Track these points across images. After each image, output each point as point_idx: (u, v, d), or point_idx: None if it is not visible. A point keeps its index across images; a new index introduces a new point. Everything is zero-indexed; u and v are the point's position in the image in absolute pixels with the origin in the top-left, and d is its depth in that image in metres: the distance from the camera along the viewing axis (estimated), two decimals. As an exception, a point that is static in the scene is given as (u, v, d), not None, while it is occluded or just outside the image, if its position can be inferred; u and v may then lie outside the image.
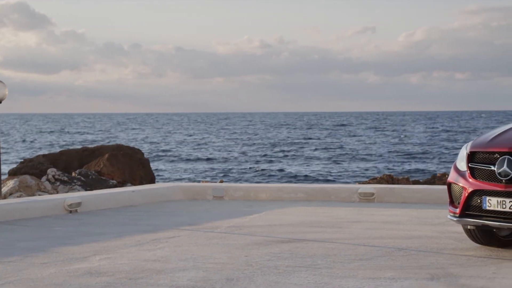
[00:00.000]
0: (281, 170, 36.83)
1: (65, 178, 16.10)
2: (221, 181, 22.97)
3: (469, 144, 6.93)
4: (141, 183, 17.81)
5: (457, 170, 6.91)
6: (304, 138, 67.41)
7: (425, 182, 17.76)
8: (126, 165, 18.33)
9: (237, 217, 9.52)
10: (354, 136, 72.19)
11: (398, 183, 16.18)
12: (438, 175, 17.77)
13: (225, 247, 7.16)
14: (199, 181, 28.44)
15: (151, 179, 19.02)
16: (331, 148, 52.61)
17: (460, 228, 7.87)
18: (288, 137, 70.84)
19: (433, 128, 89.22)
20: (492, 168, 6.47)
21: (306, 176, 33.78)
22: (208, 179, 32.65)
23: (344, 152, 48.50)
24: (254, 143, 60.53)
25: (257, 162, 42.73)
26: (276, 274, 5.88)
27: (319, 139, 66.45)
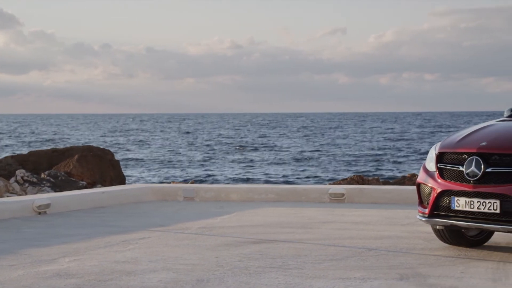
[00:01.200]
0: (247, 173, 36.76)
1: (34, 179, 15.94)
2: (192, 182, 22.91)
3: (438, 144, 6.99)
4: (111, 184, 17.69)
5: (426, 170, 6.96)
6: (267, 138, 67.41)
7: (395, 183, 17.88)
8: (96, 166, 18.20)
9: (208, 218, 9.50)
10: (322, 135, 72.50)
11: (368, 184, 16.27)
12: (407, 175, 17.90)
13: (195, 248, 7.14)
14: (169, 182, 28.35)
15: (121, 180, 18.91)
16: (299, 149, 52.69)
17: (429, 228, 7.94)
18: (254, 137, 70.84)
19: (392, 128, 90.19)
20: (461, 168, 6.53)
21: (271, 177, 33.78)
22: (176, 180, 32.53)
23: (315, 153, 48.63)
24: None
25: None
26: (246, 274, 5.89)
27: (288, 137, 66.66)
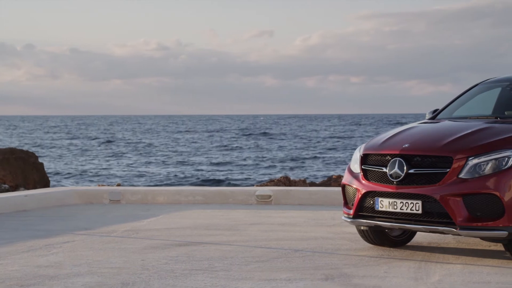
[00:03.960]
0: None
1: (-46, 183, 15.46)
2: (118, 185, 22.62)
3: (362, 146, 7.10)
4: (35, 187, 17.32)
5: (351, 172, 7.06)
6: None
7: (321, 184, 18.06)
8: (19, 169, 17.79)
9: (134, 221, 9.41)
10: (249, 140, 72.82)
11: (295, 185, 16.39)
12: (333, 177, 18.12)
13: (121, 251, 7.06)
14: (95, 185, 27.93)
15: (45, 183, 18.53)
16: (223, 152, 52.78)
17: (354, 229, 8.06)
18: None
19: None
20: (384, 170, 6.65)
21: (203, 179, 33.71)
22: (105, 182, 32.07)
23: (239, 156, 48.74)
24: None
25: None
26: (172, 277, 5.85)
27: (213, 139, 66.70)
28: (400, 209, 6.50)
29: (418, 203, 6.39)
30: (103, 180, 33.39)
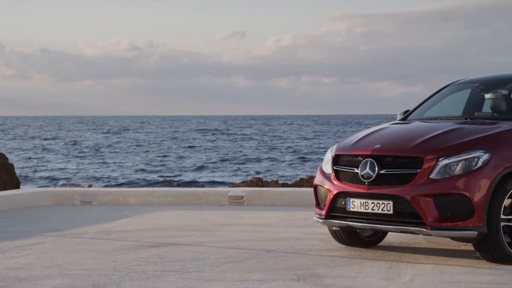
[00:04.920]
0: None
1: None
2: (90, 186, 22.48)
3: (334, 147, 7.13)
4: (5, 189, 17.14)
5: (322, 172, 7.09)
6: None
7: (293, 185, 18.09)
8: (-11, 170, 17.58)
9: (105, 222, 9.35)
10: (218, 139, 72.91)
11: (267, 186, 16.40)
12: (305, 177, 18.16)
13: (92, 253, 7.01)
14: (66, 186, 27.71)
15: (15, 184, 18.35)
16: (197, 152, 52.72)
17: (326, 230, 8.09)
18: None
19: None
20: (356, 170, 6.68)
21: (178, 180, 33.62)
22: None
23: (212, 156, 48.68)
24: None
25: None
26: (144, 279, 5.83)
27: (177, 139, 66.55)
28: (372, 209, 6.53)
29: (389, 203, 6.43)
30: (74, 181, 33.19)
